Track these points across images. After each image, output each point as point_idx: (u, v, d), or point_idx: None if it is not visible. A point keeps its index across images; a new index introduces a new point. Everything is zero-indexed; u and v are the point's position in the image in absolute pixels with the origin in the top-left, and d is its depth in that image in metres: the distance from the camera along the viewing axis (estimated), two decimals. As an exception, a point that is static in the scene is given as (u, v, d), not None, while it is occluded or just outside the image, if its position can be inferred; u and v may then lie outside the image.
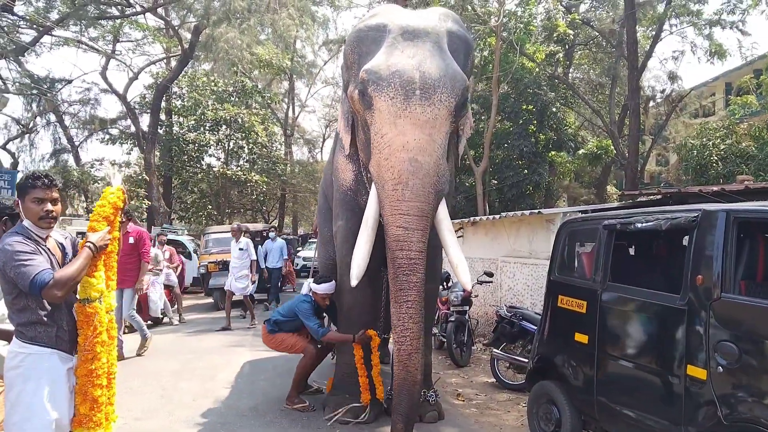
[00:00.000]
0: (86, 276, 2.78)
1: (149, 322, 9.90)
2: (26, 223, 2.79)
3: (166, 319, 10.51)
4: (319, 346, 5.68)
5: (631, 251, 4.84)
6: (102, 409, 2.85)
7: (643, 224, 3.79)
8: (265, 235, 14.60)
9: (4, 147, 22.22)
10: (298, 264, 20.31)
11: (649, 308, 3.70)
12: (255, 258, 10.73)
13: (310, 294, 5.74)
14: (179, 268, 11.86)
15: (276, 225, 15.23)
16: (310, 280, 5.93)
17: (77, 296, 2.83)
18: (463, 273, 4.25)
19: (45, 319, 2.72)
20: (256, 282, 11.04)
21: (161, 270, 10.01)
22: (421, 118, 4.09)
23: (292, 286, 17.58)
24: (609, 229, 4.09)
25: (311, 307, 5.61)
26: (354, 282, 4.37)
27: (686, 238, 3.92)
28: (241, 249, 10.46)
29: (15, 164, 22.18)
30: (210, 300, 13.50)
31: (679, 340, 3.36)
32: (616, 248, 4.13)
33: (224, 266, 12.35)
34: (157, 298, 9.74)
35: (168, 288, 10.72)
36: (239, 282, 10.36)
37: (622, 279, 4.02)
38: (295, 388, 5.64)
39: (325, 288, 5.63)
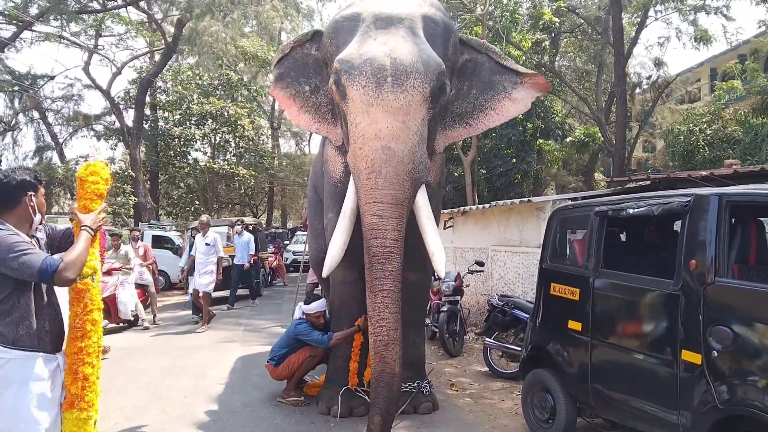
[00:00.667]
0: None
1: (121, 324, 9.38)
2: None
3: (139, 321, 9.66)
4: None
5: (623, 237, 4.83)
6: (94, 388, 2.79)
7: (635, 210, 3.77)
8: (252, 229, 14.38)
9: (-15, 146, 21.93)
10: (287, 258, 19.99)
11: (643, 294, 3.70)
12: (222, 255, 10.20)
13: (303, 317, 5.63)
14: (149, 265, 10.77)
15: (242, 219, 14.72)
16: (301, 303, 5.82)
17: None
18: (439, 261, 4.15)
19: (32, 318, 2.63)
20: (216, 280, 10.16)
21: (131, 269, 9.32)
22: (394, 105, 4.02)
23: (283, 280, 17.37)
24: (601, 216, 4.08)
25: (309, 326, 5.54)
26: (325, 273, 4.41)
27: (678, 223, 3.92)
28: (207, 244, 9.85)
29: (-2, 163, 21.90)
30: None
31: (673, 325, 3.36)
32: (607, 235, 4.12)
33: None
34: (127, 299, 8.98)
35: (141, 287, 9.93)
36: (203, 278, 9.70)
37: (615, 265, 4.01)
38: (293, 382, 5.60)
39: (316, 306, 5.58)
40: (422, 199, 4.25)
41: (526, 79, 4.77)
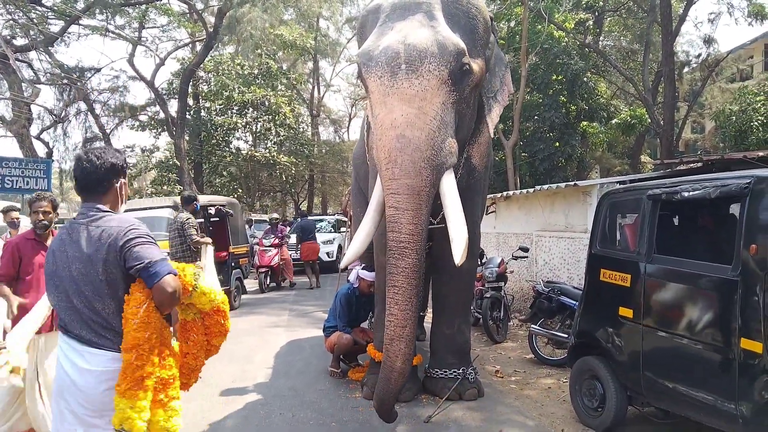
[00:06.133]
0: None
1: None
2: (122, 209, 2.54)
3: None
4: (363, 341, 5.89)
5: (675, 222, 4.68)
6: None
7: (691, 193, 3.64)
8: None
9: (38, 137, 22.57)
10: (291, 254, 14.26)
11: (699, 280, 3.57)
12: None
13: (356, 284, 5.92)
14: None
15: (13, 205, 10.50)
16: (359, 268, 5.95)
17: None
18: (456, 249, 3.91)
19: None
20: None
21: None
22: (409, 92, 3.95)
23: (290, 280, 13.61)
24: (654, 199, 3.95)
25: (346, 300, 5.89)
26: (342, 264, 4.57)
27: (735, 206, 3.77)
28: None
29: (50, 153, 22.55)
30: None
31: (731, 313, 3.24)
32: (660, 219, 3.99)
33: None
34: None
35: None
36: None
37: (668, 250, 3.90)
38: (334, 357, 5.92)
39: (373, 275, 5.71)
40: (447, 185, 4.11)
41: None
